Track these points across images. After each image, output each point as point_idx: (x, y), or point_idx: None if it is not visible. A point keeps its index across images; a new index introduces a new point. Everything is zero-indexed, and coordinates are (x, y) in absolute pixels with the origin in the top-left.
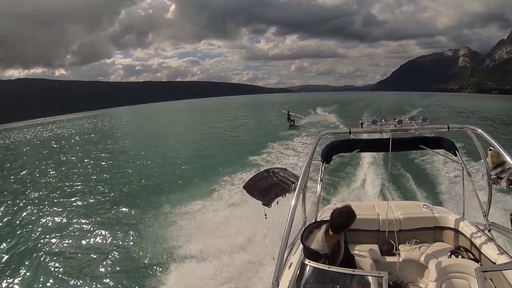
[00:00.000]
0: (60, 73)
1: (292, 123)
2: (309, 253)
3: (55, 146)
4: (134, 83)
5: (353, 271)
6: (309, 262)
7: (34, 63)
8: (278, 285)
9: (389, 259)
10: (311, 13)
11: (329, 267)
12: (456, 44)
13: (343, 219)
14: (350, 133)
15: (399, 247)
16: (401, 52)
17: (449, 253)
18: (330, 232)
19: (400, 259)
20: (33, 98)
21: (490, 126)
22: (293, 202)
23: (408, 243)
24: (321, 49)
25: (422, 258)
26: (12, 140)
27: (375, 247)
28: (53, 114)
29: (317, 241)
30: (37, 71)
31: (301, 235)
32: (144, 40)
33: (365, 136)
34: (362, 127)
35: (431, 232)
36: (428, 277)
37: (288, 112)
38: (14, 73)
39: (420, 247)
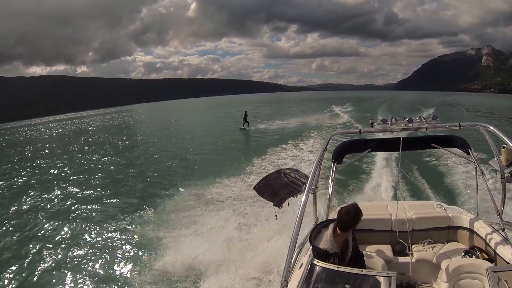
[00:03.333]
0: (81, 70)
1: (247, 125)
2: (318, 253)
3: (75, 140)
4: (154, 80)
5: (362, 271)
6: (318, 262)
7: (56, 61)
8: (286, 285)
9: (401, 259)
10: (331, 11)
11: (338, 267)
12: (479, 43)
13: (350, 217)
14: (360, 133)
15: (412, 247)
16: (422, 51)
17: (463, 253)
18: (338, 231)
19: (413, 260)
20: (55, 94)
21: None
22: (302, 203)
23: (421, 243)
24: (342, 48)
25: (435, 258)
26: (34, 134)
27: (388, 247)
28: (74, 110)
29: (325, 241)
30: (59, 68)
31: (310, 235)
32: (164, 37)
33: (378, 135)
34: (372, 126)
35: (445, 232)
36: (441, 277)
37: (246, 112)
38: (36, 70)
39: (433, 247)
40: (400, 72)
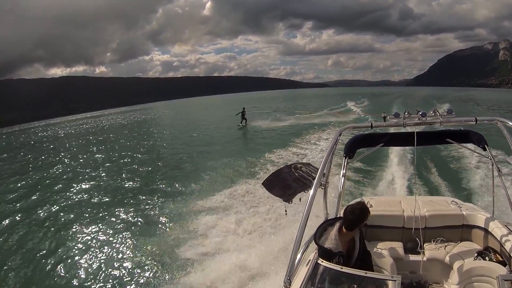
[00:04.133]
0: (100, 70)
1: (244, 122)
2: (323, 252)
3: (94, 137)
4: (172, 78)
5: (365, 273)
6: (322, 261)
7: (75, 62)
8: (290, 283)
9: (412, 257)
10: (346, 7)
11: (342, 268)
12: (496, 37)
13: (356, 215)
14: (372, 127)
15: (424, 245)
16: (438, 46)
17: (476, 254)
18: (344, 230)
19: (425, 258)
20: (75, 94)
21: None
22: (309, 198)
23: (433, 241)
24: (357, 44)
25: (447, 258)
26: (57, 132)
27: (399, 244)
28: (94, 109)
29: (330, 240)
30: (78, 69)
31: (315, 234)
32: (181, 36)
33: (392, 129)
34: (385, 120)
35: (459, 230)
36: (452, 278)
37: (244, 109)
38: (57, 72)
39: (446, 246)
40: (416, 67)
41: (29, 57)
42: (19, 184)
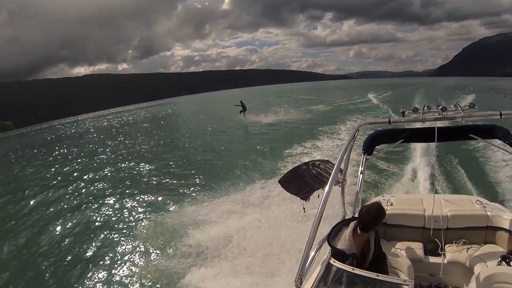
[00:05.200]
0: (122, 67)
1: (243, 114)
2: (336, 253)
3: (118, 131)
4: (193, 73)
5: (377, 275)
6: (334, 261)
7: (98, 60)
8: (301, 283)
9: (432, 259)
10: None
11: (353, 269)
12: None
13: (371, 217)
14: (390, 122)
15: (445, 247)
16: (463, 34)
17: (500, 259)
18: (358, 231)
19: (445, 261)
20: (99, 92)
21: None
22: (323, 196)
23: (455, 243)
24: (379, 34)
25: (469, 261)
26: (84, 128)
27: (419, 245)
28: (118, 105)
29: (344, 240)
30: (101, 67)
31: (329, 234)
32: (201, 31)
33: (413, 124)
34: (403, 115)
35: (482, 232)
36: (473, 283)
37: (241, 102)
38: (80, 71)
39: (468, 248)
40: (440, 57)
41: (54, 58)
42: (48, 175)
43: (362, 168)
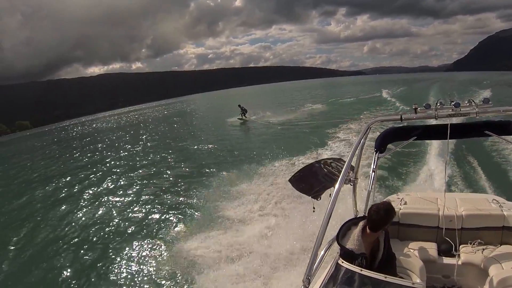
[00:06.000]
0: (136, 66)
1: (242, 115)
2: (344, 253)
3: (133, 129)
4: (207, 70)
5: (385, 277)
6: (343, 262)
7: (112, 60)
8: (309, 283)
9: (446, 260)
10: None
11: (361, 270)
12: None
13: (380, 216)
14: (401, 119)
15: (460, 247)
16: (479, 27)
17: None
18: (367, 230)
19: (459, 262)
20: (114, 90)
21: None
22: (333, 195)
23: (470, 243)
24: (393, 28)
25: (484, 263)
26: (99, 126)
27: (433, 245)
28: (132, 104)
29: (353, 240)
30: (115, 67)
31: (338, 233)
32: (215, 29)
33: (428, 121)
34: (415, 112)
35: (499, 232)
36: (488, 285)
37: (240, 105)
38: (95, 70)
39: (483, 249)
40: (456, 51)
41: (68, 58)
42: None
43: (374, 167)
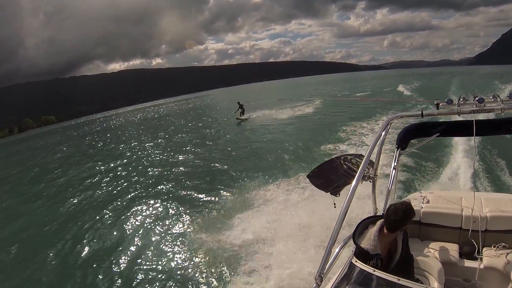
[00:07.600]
0: (156, 62)
1: (240, 114)
2: (359, 252)
3: (153, 124)
4: (227, 66)
5: (398, 279)
6: (356, 261)
7: (133, 56)
8: (321, 280)
9: (468, 263)
10: None
11: (374, 271)
12: None
13: (398, 217)
14: (422, 115)
15: (483, 250)
16: (502, 19)
17: None
18: (385, 231)
19: (482, 265)
20: (134, 86)
21: None
22: (349, 192)
23: (494, 246)
24: (414, 22)
25: (507, 268)
26: (120, 121)
27: (455, 247)
28: (153, 99)
29: (369, 240)
30: (135, 63)
31: (354, 231)
32: (234, 24)
33: (451, 117)
34: (437, 108)
35: None
36: None
37: (238, 102)
38: (115, 66)
39: (508, 253)
40: (478, 44)
41: (89, 55)
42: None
43: (395, 163)
